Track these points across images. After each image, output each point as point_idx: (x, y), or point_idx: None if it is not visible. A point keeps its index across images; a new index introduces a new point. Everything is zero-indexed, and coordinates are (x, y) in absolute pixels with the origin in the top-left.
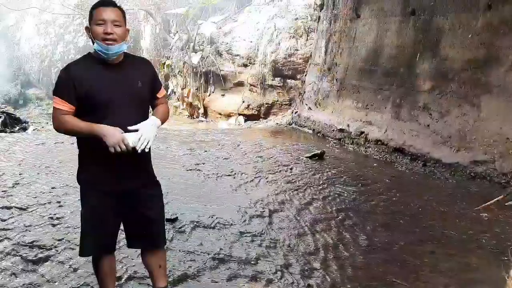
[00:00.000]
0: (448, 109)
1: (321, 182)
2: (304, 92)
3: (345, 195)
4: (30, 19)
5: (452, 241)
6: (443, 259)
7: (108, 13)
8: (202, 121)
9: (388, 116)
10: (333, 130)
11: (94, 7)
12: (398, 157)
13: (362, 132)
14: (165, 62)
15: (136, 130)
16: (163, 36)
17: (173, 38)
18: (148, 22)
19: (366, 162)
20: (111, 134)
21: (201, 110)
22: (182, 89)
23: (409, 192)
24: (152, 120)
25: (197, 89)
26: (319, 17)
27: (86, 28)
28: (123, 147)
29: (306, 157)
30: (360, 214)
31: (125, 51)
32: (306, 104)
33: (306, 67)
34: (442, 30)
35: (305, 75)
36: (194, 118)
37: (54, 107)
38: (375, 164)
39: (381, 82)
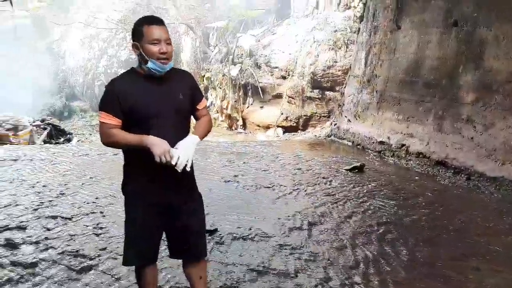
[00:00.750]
0: (493, 122)
1: (361, 195)
2: (343, 104)
3: (386, 208)
4: (75, 33)
5: (498, 257)
6: (488, 275)
7: (161, 33)
8: (241, 132)
9: (430, 128)
10: (373, 142)
11: (145, 24)
12: (440, 170)
13: (403, 145)
14: (204, 75)
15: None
16: (203, 49)
17: (212, 51)
18: (188, 36)
19: (407, 175)
20: (159, 144)
21: (240, 122)
22: (221, 101)
23: (452, 207)
24: (192, 138)
25: (235, 101)
26: (359, 29)
27: (134, 45)
28: (168, 158)
29: (345, 169)
30: (401, 228)
31: None
32: (346, 116)
33: (345, 79)
34: (486, 41)
35: (344, 87)
36: (232, 130)
37: (100, 122)
38: (416, 178)
39: (423, 93)
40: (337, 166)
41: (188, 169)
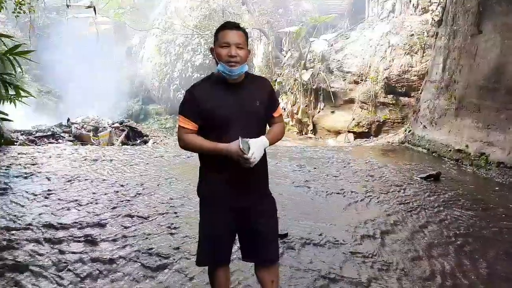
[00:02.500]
0: None
1: (437, 204)
2: (419, 110)
3: (464, 219)
4: (153, 39)
5: None
6: None
7: (232, 36)
8: (311, 137)
9: None
10: (450, 150)
11: (220, 29)
12: None
13: (482, 153)
14: (276, 79)
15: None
16: (275, 54)
17: (284, 56)
18: (261, 41)
19: (486, 185)
20: (234, 151)
21: (310, 127)
22: (292, 105)
23: None
24: (263, 140)
25: (306, 105)
26: (437, 33)
27: (211, 49)
28: (245, 156)
29: (420, 177)
30: (480, 240)
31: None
32: (421, 123)
33: (421, 84)
34: None
35: (420, 93)
36: (303, 134)
37: (179, 126)
38: (496, 188)
39: (505, 100)
40: (411, 174)
41: (251, 166)
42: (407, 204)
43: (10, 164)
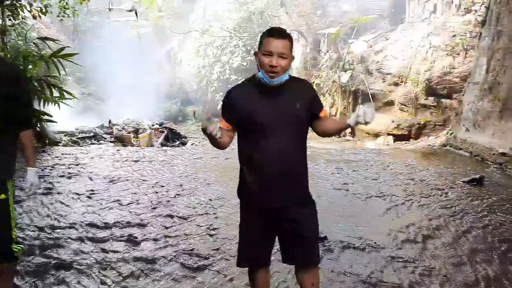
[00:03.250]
0: None
1: (480, 209)
2: (461, 112)
3: (508, 224)
4: (191, 41)
5: None
6: None
7: (276, 46)
8: (349, 140)
9: None
10: (494, 153)
11: (266, 35)
12: None
13: None
14: (314, 81)
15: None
16: (313, 55)
17: (323, 57)
18: (299, 42)
19: None
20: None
21: (349, 129)
22: (330, 107)
23: None
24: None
25: (344, 107)
26: (480, 33)
27: (255, 53)
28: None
29: (462, 181)
30: None
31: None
32: (463, 125)
33: (463, 86)
34: None
35: (463, 94)
36: (341, 136)
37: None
38: None
39: None
40: (454, 178)
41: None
42: (450, 209)
43: (55, 164)
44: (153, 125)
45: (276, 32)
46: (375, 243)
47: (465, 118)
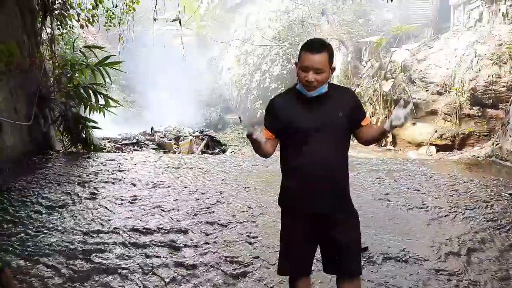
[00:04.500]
0: None
1: None
2: (508, 122)
3: None
4: (232, 50)
5: None
6: None
7: (312, 61)
8: (390, 149)
9: None
10: None
11: (303, 49)
12: None
13: None
14: (355, 90)
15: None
16: (354, 64)
17: (364, 66)
18: (340, 51)
19: None
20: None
21: (390, 138)
22: (370, 116)
23: None
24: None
25: (386, 117)
26: None
27: (296, 63)
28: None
29: (509, 194)
30: None
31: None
32: (510, 136)
33: (510, 96)
34: None
35: (510, 104)
36: (382, 146)
37: None
38: None
39: None
40: (499, 190)
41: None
42: (495, 222)
43: (99, 170)
44: (193, 133)
45: (314, 47)
46: (417, 255)
47: (511, 129)
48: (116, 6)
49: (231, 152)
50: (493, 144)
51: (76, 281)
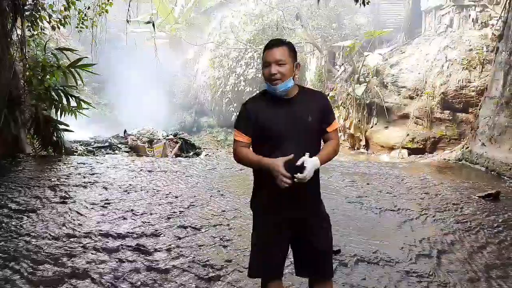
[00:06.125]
0: None
1: (496, 224)
2: (477, 126)
3: None
4: (207, 53)
5: None
6: None
7: (271, 55)
8: (363, 153)
9: None
10: (510, 168)
11: (264, 49)
12: None
13: None
14: (328, 94)
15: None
16: (328, 68)
17: (338, 70)
18: (314, 55)
19: None
20: (275, 168)
21: (363, 142)
22: (344, 120)
23: None
24: (315, 162)
25: (359, 120)
26: (497, 48)
27: (263, 68)
28: (285, 179)
29: (478, 196)
30: None
31: (298, 85)
32: (479, 140)
33: (479, 100)
34: None
35: (479, 109)
36: (355, 149)
37: (234, 139)
38: None
39: None
40: (469, 192)
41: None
42: (465, 224)
43: (70, 174)
44: (167, 136)
45: (271, 43)
46: (389, 257)
47: (481, 133)
48: (89, 8)
49: (206, 155)
50: (463, 148)
51: (46, 285)
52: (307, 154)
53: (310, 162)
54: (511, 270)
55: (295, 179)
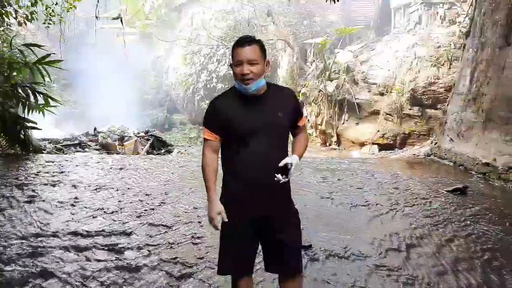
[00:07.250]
0: None
1: (463, 218)
2: (445, 122)
3: (491, 234)
4: (178, 50)
5: None
6: None
7: (244, 54)
8: (335, 149)
9: None
10: (477, 163)
11: (234, 46)
12: None
13: (510, 167)
14: (300, 90)
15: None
16: (299, 65)
17: (309, 67)
18: (286, 52)
19: None
20: (210, 209)
21: (334, 138)
22: (316, 116)
23: None
24: (297, 162)
25: (330, 117)
26: (464, 45)
27: (230, 64)
28: (213, 225)
29: (446, 191)
30: (508, 256)
31: (266, 81)
32: (448, 135)
33: (448, 96)
34: None
35: (447, 105)
36: (326, 146)
37: (203, 138)
38: None
39: None
40: (437, 187)
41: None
42: (433, 218)
43: (38, 172)
44: (138, 133)
45: (243, 41)
46: (359, 251)
47: (449, 128)
48: (56, 4)
49: (178, 153)
50: (432, 143)
51: (15, 285)
52: (289, 159)
53: (294, 164)
54: (477, 263)
55: (280, 181)
